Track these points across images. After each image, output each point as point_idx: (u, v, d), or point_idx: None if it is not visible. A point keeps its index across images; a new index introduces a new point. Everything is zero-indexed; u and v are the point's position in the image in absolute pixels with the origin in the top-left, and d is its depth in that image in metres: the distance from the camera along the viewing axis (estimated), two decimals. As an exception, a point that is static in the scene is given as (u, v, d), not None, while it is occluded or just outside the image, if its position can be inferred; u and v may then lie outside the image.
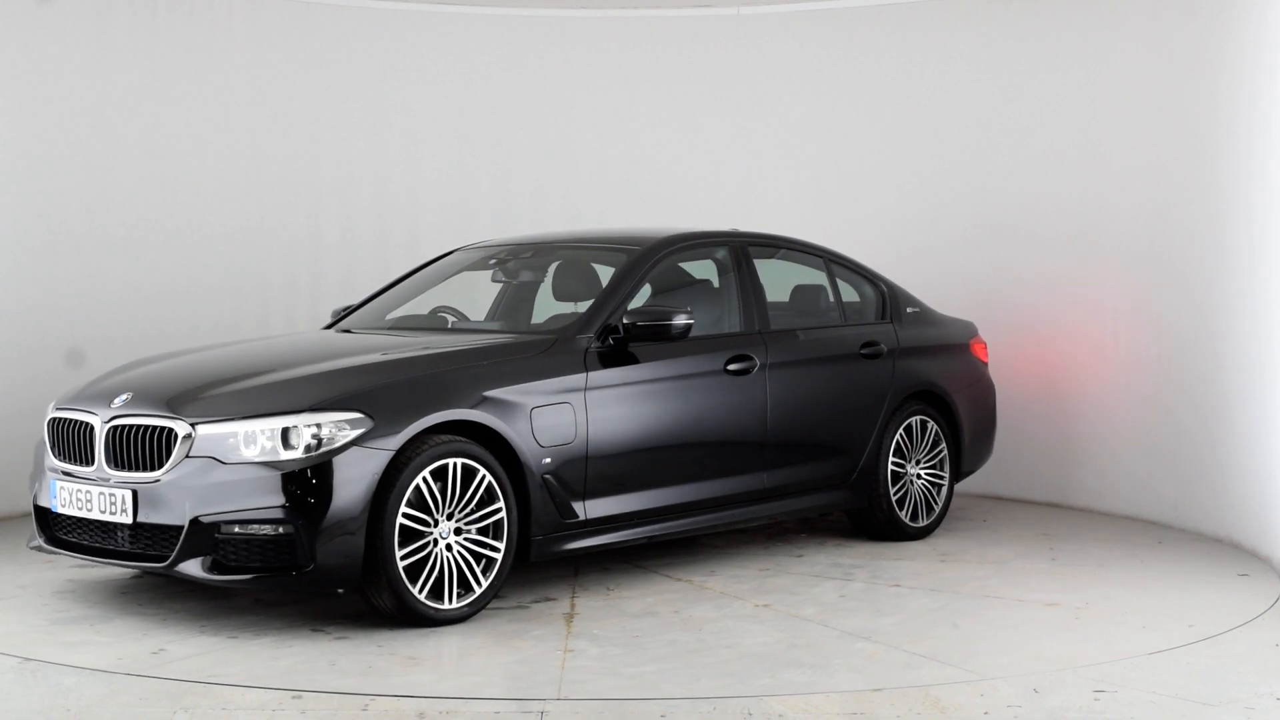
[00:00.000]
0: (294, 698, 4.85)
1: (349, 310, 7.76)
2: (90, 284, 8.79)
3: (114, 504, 5.86)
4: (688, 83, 10.14)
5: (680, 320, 6.73)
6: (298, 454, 5.69)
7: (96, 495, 5.93)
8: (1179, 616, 6.29)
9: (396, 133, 9.80)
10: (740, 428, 7.19)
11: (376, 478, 5.74)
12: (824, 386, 7.63)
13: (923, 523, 8.08)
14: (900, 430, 7.97)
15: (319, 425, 5.74)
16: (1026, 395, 9.40)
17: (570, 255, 7.62)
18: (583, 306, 7.56)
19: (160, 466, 5.81)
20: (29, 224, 8.63)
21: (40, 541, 6.30)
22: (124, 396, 6.09)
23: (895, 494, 7.92)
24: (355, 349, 6.53)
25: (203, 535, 5.68)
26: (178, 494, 5.73)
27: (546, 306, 7.62)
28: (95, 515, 5.94)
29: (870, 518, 7.97)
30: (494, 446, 6.17)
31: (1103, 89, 8.96)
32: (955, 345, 8.53)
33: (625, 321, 6.72)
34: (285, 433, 5.72)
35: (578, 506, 6.46)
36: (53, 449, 6.28)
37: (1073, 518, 8.84)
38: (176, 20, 9.10)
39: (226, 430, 5.75)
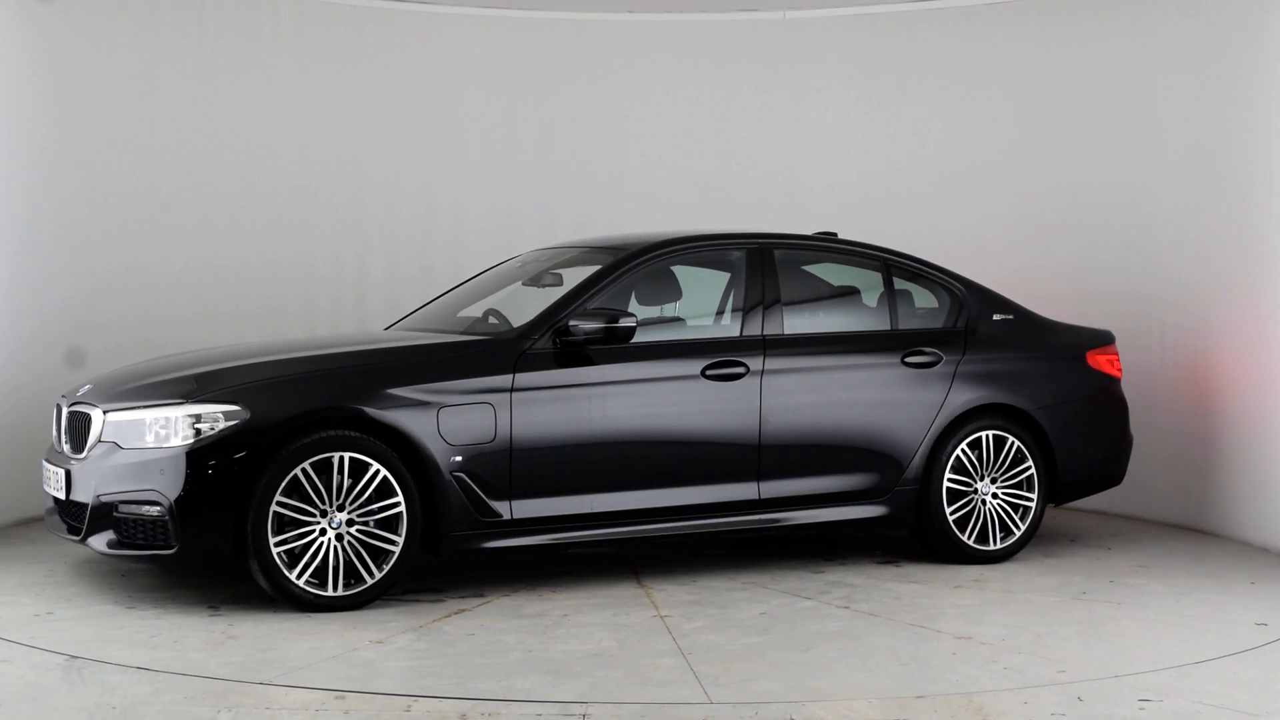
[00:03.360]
0: (337, 698, 4.97)
1: (419, 309, 8.11)
2: (134, 285, 9.04)
3: (59, 483, 6.55)
4: (732, 86, 10.02)
5: (605, 324, 6.67)
6: (176, 442, 6.17)
7: (52, 474, 6.65)
8: (1054, 661, 5.63)
9: (441, 132, 9.83)
10: (720, 435, 6.99)
11: (245, 467, 6.11)
12: (843, 396, 7.27)
13: (995, 546, 7.49)
14: (962, 445, 7.45)
15: (198, 416, 6.18)
16: (1185, 411, 8.49)
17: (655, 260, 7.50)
18: (669, 310, 7.63)
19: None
20: (82, 218, 8.78)
21: (54, 516, 7.04)
22: (86, 387, 6.78)
23: (955, 513, 7.41)
24: (296, 346, 6.89)
25: (105, 513, 6.26)
26: (89, 475, 6.34)
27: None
28: (51, 492, 6.66)
29: (922, 537, 7.52)
30: (399, 443, 6.39)
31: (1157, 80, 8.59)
32: (1060, 356, 7.84)
33: (571, 324, 6.74)
34: (170, 422, 6.20)
35: (500, 506, 6.54)
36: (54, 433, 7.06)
37: (1209, 548, 7.97)
38: (223, 21, 9.28)
39: (126, 418, 6.31)
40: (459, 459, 6.46)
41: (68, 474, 6.46)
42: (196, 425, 6.16)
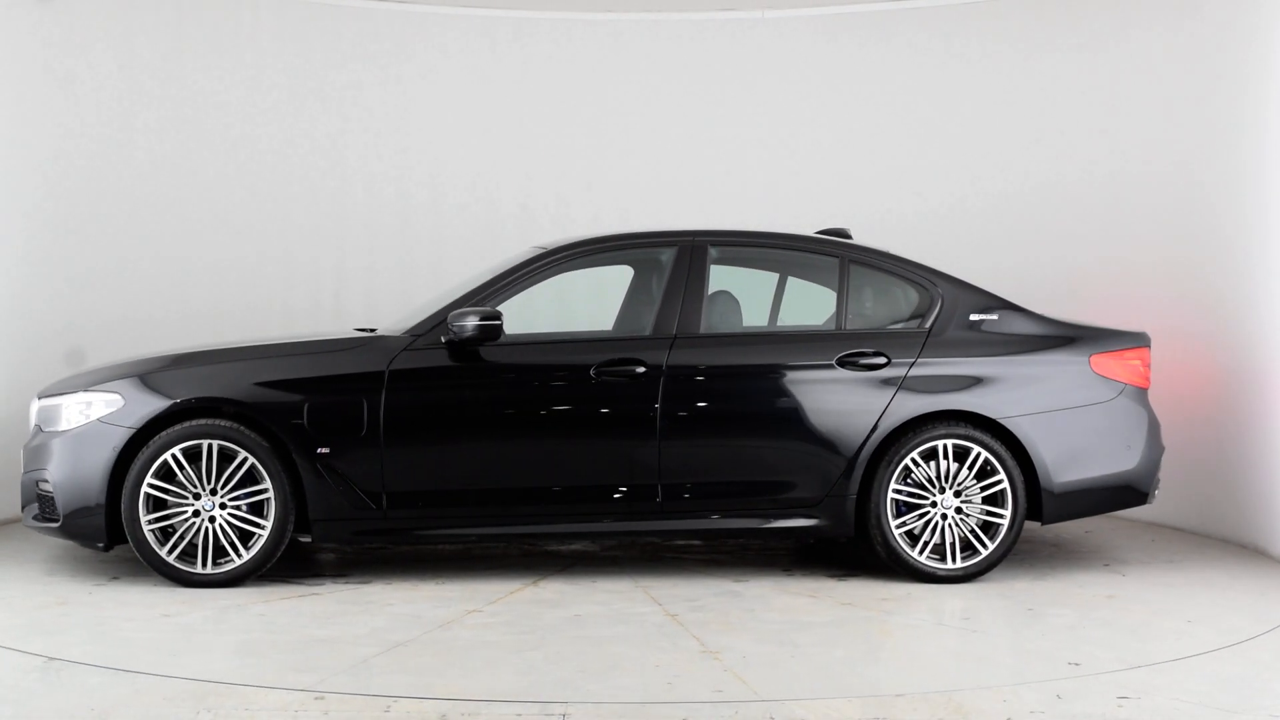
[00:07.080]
0: (316, 699, 5.00)
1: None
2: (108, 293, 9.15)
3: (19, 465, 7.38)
4: (714, 86, 9.74)
5: (479, 321, 6.73)
6: (67, 427, 6.83)
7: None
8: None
9: (420, 131, 9.78)
10: (611, 434, 6.88)
11: (116, 451, 6.68)
12: (759, 398, 6.96)
13: (955, 564, 6.92)
14: (913, 454, 6.93)
15: (89, 404, 6.82)
16: (1224, 418, 7.48)
17: (645, 255, 7.52)
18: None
19: None
20: (61, 219, 8.93)
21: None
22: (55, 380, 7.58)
23: (906, 526, 6.92)
24: (220, 343, 7.37)
25: (31, 489, 7.03)
26: (25, 454, 7.13)
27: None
28: (21, 474, 7.50)
29: (869, 552, 7.06)
30: (270, 434, 6.77)
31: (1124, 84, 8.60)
32: (1053, 360, 7.12)
33: (449, 323, 6.84)
34: (69, 408, 6.88)
35: (373, 496, 6.78)
36: None
37: (1240, 578, 7.20)
38: (201, 20, 9.31)
39: (47, 404, 7.03)
40: (325, 450, 6.74)
41: (24, 454, 7.27)
42: (86, 412, 6.80)
